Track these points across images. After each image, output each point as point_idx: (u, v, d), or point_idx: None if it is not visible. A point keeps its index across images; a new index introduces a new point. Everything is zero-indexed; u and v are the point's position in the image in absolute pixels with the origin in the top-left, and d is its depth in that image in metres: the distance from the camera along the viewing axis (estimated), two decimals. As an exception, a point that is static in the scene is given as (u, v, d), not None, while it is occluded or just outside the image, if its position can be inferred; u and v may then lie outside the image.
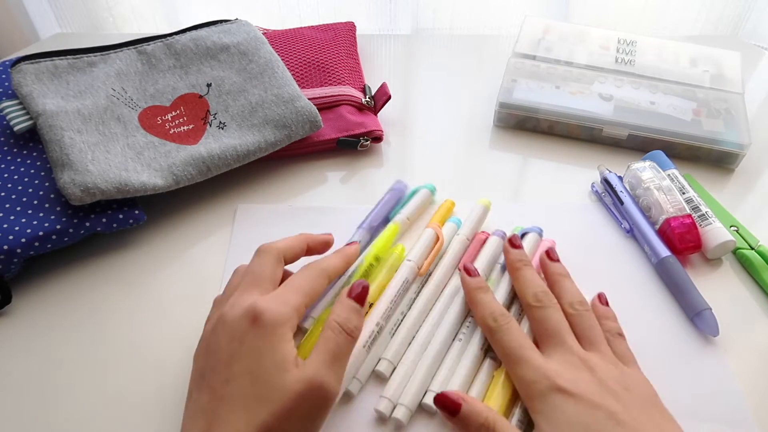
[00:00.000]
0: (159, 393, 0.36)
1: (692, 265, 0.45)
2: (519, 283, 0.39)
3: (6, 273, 0.40)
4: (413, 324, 0.38)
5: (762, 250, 0.45)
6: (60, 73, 0.49)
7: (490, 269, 0.42)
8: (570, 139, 0.57)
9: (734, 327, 0.40)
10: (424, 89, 0.64)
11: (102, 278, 0.43)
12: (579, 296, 0.38)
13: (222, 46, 0.53)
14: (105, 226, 0.43)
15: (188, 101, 0.50)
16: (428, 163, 0.54)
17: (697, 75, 0.60)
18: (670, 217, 0.45)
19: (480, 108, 0.61)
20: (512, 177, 0.53)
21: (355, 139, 0.53)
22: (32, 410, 0.35)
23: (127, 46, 0.52)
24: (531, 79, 0.59)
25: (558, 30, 0.66)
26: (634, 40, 0.64)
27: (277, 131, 0.50)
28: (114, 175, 0.43)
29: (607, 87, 0.58)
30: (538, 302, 0.37)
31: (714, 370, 0.38)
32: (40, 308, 0.41)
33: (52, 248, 0.42)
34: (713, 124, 0.54)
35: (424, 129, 0.58)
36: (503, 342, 0.35)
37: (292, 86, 0.52)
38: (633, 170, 0.49)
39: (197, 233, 0.46)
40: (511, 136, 0.57)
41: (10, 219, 0.41)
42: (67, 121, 0.45)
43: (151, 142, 0.47)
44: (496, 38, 0.75)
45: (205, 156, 0.47)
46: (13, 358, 0.38)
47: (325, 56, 0.60)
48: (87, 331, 0.40)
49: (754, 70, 0.70)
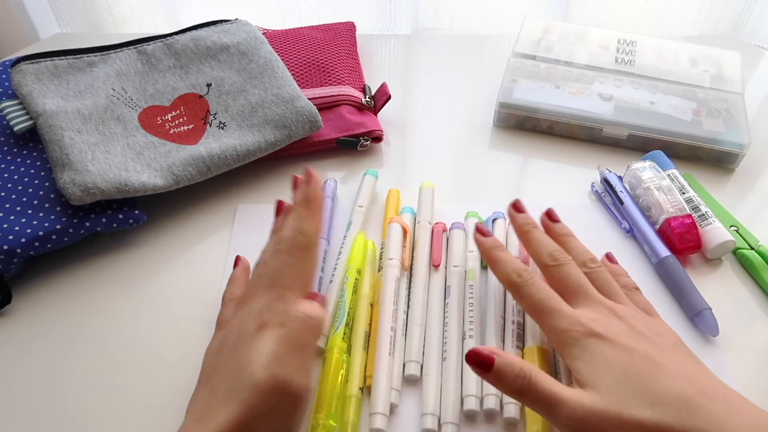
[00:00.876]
0: (159, 392, 0.36)
1: (692, 265, 0.45)
2: (531, 245, 0.38)
3: (6, 273, 0.40)
4: (420, 321, 0.39)
5: (762, 250, 0.45)
6: (60, 73, 0.49)
7: (464, 259, 0.43)
8: (570, 139, 0.57)
9: (734, 327, 0.40)
10: (424, 89, 0.64)
11: (102, 278, 0.43)
12: (589, 254, 0.38)
13: (222, 46, 0.53)
14: (105, 226, 0.43)
15: (188, 101, 0.50)
16: (428, 163, 0.54)
17: (697, 75, 0.60)
18: (670, 217, 0.45)
19: (480, 108, 0.61)
20: (512, 177, 0.53)
21: (355, 139, 0.53)
22: (32, 410, 0.35)
23: (127, 46, 0.52)
24: (531, 79, 0.59)
25: (558, 30, 0.66)
26: (634, 40, 0.64)
27: (277, 131, 0.50)
28: (114, 175, 0.43)
29: (607, 87, 0.58)
30: (555, 261, 0.36)
31: (714, 370, 0.37)
32: (40, 308, 0.41)
33: (52, 248, 0.42)
34: (713, 124, 0.54)
35: (424, 129, 0.58)
36: (531, 295, 0.34)
37: (292, 86, 0.52)
38: (633, 170, 0.49)
39: (197, 233, 0.46)
40: (511, 136, 0.57)
41: (10, 219, 0.41)
42: (67, 121, 0.45)
43: (151, 142, 0.47)
44: (496, 38, 0.75)
45: (205, 156, 0.47)
46: (13, 358, 0.38)
47: (325, 56, 0.60)
48: (87, 331, 0.40)
49: (754, 70, 0.70)
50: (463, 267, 0.42)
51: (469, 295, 0.40)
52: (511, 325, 0.39)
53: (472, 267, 0.42)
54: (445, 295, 0.41)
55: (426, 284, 0.41)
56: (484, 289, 0.42)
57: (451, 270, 0.42)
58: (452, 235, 0.44)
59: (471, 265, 0.42)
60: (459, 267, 0.42)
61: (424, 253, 0.43)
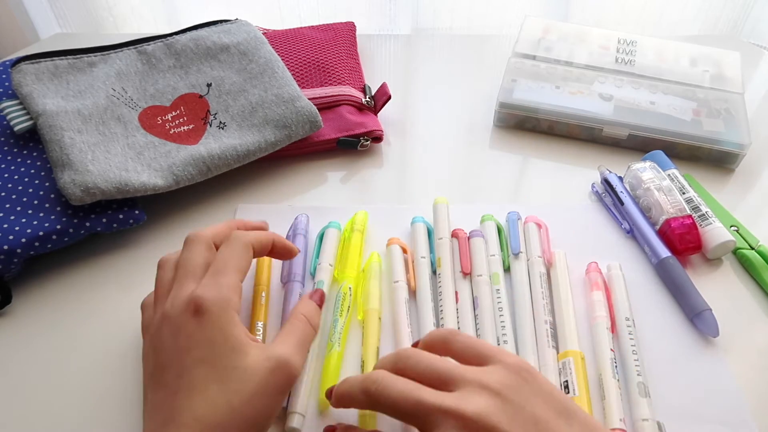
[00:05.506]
0: (159, 393, 0.36)
1: (692, 266, 0.45)
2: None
3: (6, 273, 0.40)
4: None
5: (762, 250, 0.45)
6: (60, 73, 0.49)
7: (487, 267, 0.42)
8: (570, 139, 0.57)
9: (734, 327, 0.40)
10: (424, 89, 0.64)
11: (102, 278, 0.43)
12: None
13: (222, 46, 0.53)
14: (105, 226, 0.43)
15: (188, 101, 0.50)
16: (428, 163, 0.54)
17: (697, 75, 0.60)
18: (671, 218, 0.45)
19: (480, 108, 0.60)
20: (512, 177, 0.53)
21: (355, 139, 0.53)
22: (32, 410, 0.35)
23: (127, 46, 0.52)
24: (531, 79, 0.59)
25: (558, 30, 0.66)
26: (634, 40, 0.64)
27: (277, 131, 0.50)
28: (114, 175, 0.43)
29: (607, 87, 0.58)
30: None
31: (714, 370, 0.38)
32: (40, 308, 0.41)
33: (52, 248, 0.42)
34: (713, 124, 0.54)
35: (424, 129, 0.58)
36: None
37: (292, 86, 0.52)
38: (633, 171, 0.49)
39: (197, 233, 0.46)
40: (511, 136, 0.57)
41: (10, 219, 0.41)
42: (67, 121, 0.45)
43: (151, 142, 0.47)
44: (496, 38, 0.74)
45: (205, 156, 0.47)
46: (13, 358, 0.38)
47: (325, 56, 0.60)
48: (87, 331, 0.40)
49: (754, 70, 0.70)
50: (488, 274, 0.42)
51: (497, 300, 0.40)
52: (544, 324, 0.39)
53: (495, 271, 0.42)
54: (474, 306, 0.40)
55: (454, 299, 0.40)
56: (510, 291, 0.41)
57: (476, 280, 0.41)
58: (473, 243, 0.44)
59: (494, 269, 0.42)
60: (483, 276, 0.41)
61: (447, 265, 0.42)
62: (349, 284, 0.41)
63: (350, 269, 0.42)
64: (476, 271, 0.42)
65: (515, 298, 0.41)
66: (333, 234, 0.44)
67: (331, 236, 0.44)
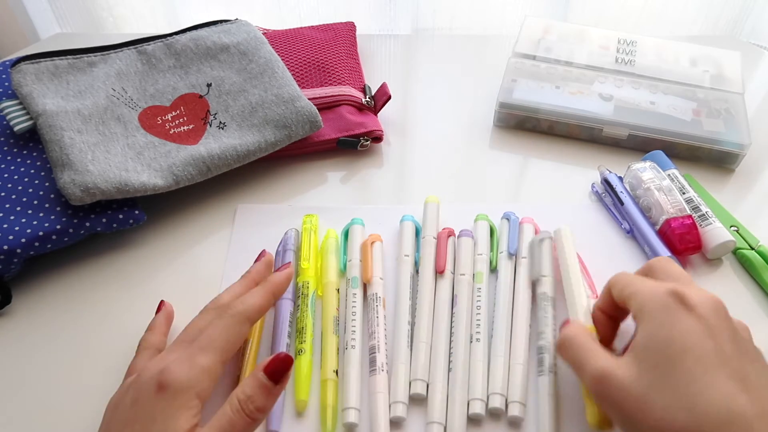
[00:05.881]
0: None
1: (692, 266, 0.45)
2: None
3: (6, 273, 0.40)
4: (426, 338, 0.38)
5: (762, 250, 0.45)
6: (60, 73, 0.49)
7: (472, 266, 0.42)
8: (570, 139, 0.57)
9: (734, 327, 0.40)
10: (424, 89, 0.64)
11: (102, 278, 0.43)
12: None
13: (222, 46, 0.53)
14: (105, 226, 0.43)
15: (188, 101, 0.50)
16: (428, 163, 0.54)
17: (697, 75, 0.60)
18: (671, 218, 0.45)
19: (480, 108, 0.61)
20: (512, 177, 0.53)
21: (355, 139, 0.53)
22: (32, 410, 0.35)
23: (127, 46, 0.52)
24: (531, 79, 0.59)
25: (558, 30, 0.66)
26: (634, 40, 0.64)
27: (277, 131, 0.50)
28: (114, 175, 0.43)
29: (607, 87, 0.58)
30: None
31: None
32: (40, 308, 0.41)
33: (52, 248, 0.42)
34: (713, 124, 0.54)
35: (424, 129, 0.58)
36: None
37: (292, 86, 0.52)
38: (633, 171, 0.49)
39: (197, 233, 0.46)
40: (511, 136, 0.57)
41: (10, 219, 0.41)
42: (67, 121, 0.45)
43: (151, 142, 0.47)
44: (496, 38, 0.74)
45: (205, 156, 0.47)
46: (13, 358, 0.38)
47: (325, 56, 0.60)
48: (87, 331, 0.40)
49: (754, 70, 0.70)
50: (471, 273, 0.42)
51: (476, 298, 0.40)
52: (526, 326, 0.39)
53: (480, 270, 0.42)
54: (452, 304, 0.40)
55: (431, 297, 0.40)
56: (493, 292, 0.41)
57: (458, 278, 0.41)
58: (460, 242, 0.44)
59: (479, 268, 0.42)
60: (466, 275, 0.41)
61: (428, 264, 0.42)
62: (307, 283, 0.41)
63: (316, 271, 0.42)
64: (460, 270, 0.42)
65: (497, 297, 0.41)
66: (357, 231, 0.45)
67: (356, 233, 0.45)
